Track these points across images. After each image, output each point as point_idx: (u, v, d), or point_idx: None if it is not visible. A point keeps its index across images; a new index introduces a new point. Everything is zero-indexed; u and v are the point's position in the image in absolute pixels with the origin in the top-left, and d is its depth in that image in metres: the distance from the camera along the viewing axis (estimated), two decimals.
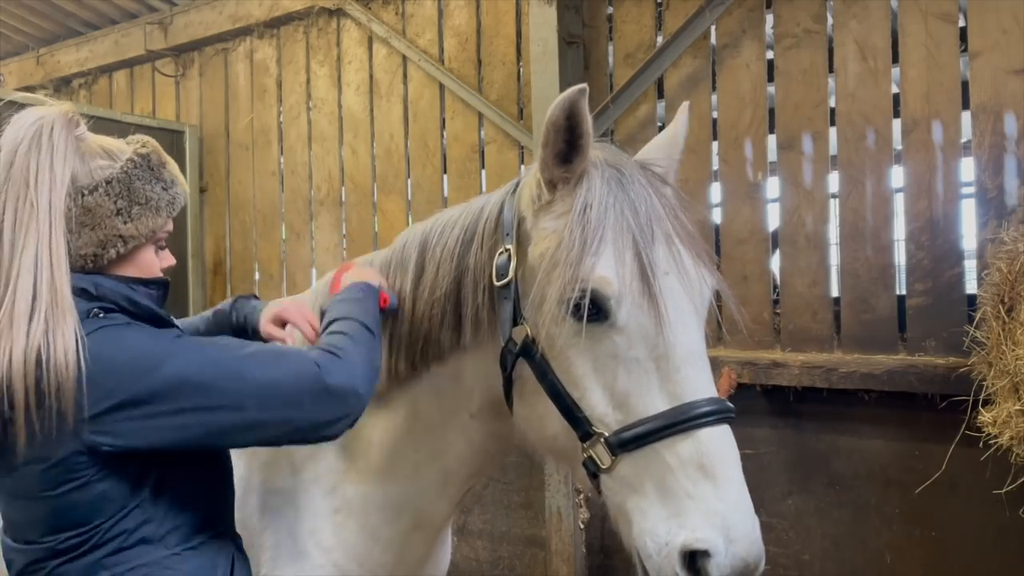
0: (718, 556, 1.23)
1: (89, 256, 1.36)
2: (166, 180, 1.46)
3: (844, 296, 3.43)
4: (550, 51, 3.91)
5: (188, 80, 5.65)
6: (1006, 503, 2.92)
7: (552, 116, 1.37)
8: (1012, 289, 2.66)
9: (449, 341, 1.63)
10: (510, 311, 1.47)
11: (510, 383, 1.53)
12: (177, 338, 1.36)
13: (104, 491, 1.30)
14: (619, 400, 1.34)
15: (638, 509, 1.31)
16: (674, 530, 1.26)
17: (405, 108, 4.70)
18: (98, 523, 1.31)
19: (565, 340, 1.39)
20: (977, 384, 2.81)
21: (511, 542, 4.28)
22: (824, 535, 3.45)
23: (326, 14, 4.95)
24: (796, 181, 3.53)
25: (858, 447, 3.37)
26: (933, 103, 3.20)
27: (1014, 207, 3.02)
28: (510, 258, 1.47)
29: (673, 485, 1.27)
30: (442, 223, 1.70)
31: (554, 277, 1.37)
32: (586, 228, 1.36)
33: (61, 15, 5.76)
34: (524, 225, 1.50)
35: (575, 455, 1.42)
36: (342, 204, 4.99)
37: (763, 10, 3.60)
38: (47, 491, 1.28)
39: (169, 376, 1.27)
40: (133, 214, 1.38)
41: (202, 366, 1.30)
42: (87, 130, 1.41)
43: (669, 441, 1.29)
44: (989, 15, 3.08)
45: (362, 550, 1.79)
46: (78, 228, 1.34)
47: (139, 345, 1.30)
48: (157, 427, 1.27)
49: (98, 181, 1.36)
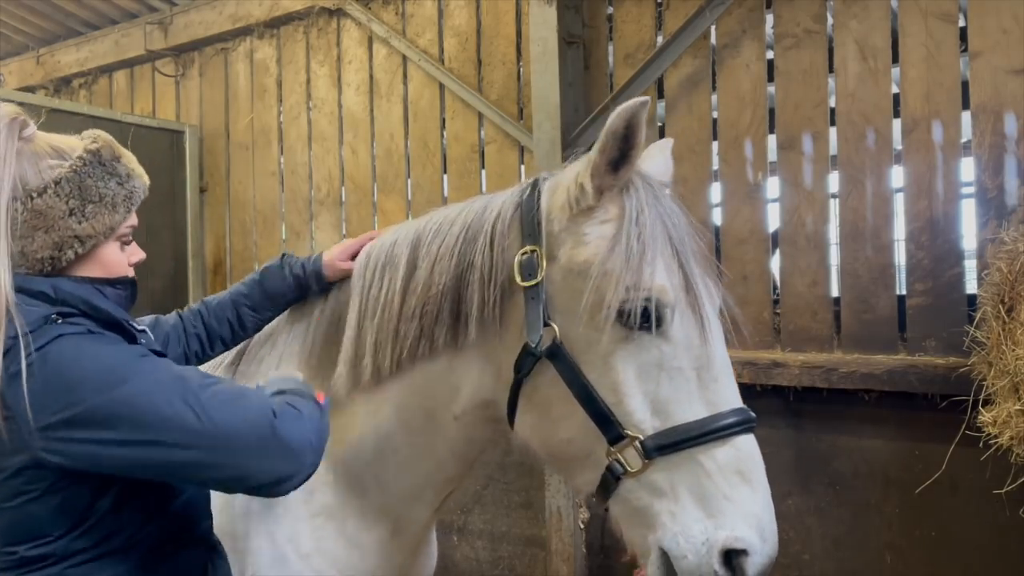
0: (755, 555, 1.32)
1: (46, 259, 1.32)
2: (121, 174, 1.39)
3: (844, 296, 3.43)
4: (550, 51, 3.91)
5: (188, 80, 5.65)
6: (1006, 503, 2.92)
7: (612, 124, 1.39)
8: (1012, 289, 2.66)
9: (444, 339, 1.59)
10: (539, 312, 1.45)
11: (519, 385, 1.51)
12: (141, 358, 1.29)
13: (58, 505, 1.26)
14: (658, 406, 1.37)
15: (667, 512, 1.35)
16: (711, 530, 1.32)
17: (405, 108, 4.70)
18: (57, 535, 1.28)
19: (608, 346, 1.39)
20: (977, 384, 2.81)
21: (511, 542, 4.28)
22: (824, 535, 3.45)
23: (326, 14, 4.95)
24: (796, 181, 3.53)
25: (858, 447, 3.37)
26: (933, 103, 3.20)
27: (1014, 207, 3.02)
28: (537, 259, 1.46)
29: (711, 488, 1.33)
30: (437, 221, 1.67)
31: (606, 283, 1.37)
32: (641, 237, 1.39)
33: (61, 15, 5.76)
34: (552, 227, 1.50)
35: (585, 460, 1.43)
36: (342, 204, 4.99)
37: (763, 10, 3.60)
38: (4, 501, 1.26)
39: (120, 402, 1.21)
40: (87, 213, 1.33)
41: (157, 397, 1.23)
42: (36, 129, 1.35)
43: (708, 447, 1.34)
44: (989, 15, 3.08)
45: (341, 556, 1.75)
46: (30, 231, 1.29)
47: (97, 361, 1.23)
48: (103, 454, 1.21)
49: (47, 182, 1.30)
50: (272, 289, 1.88)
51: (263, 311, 1.90)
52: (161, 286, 5.10)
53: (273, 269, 1.89)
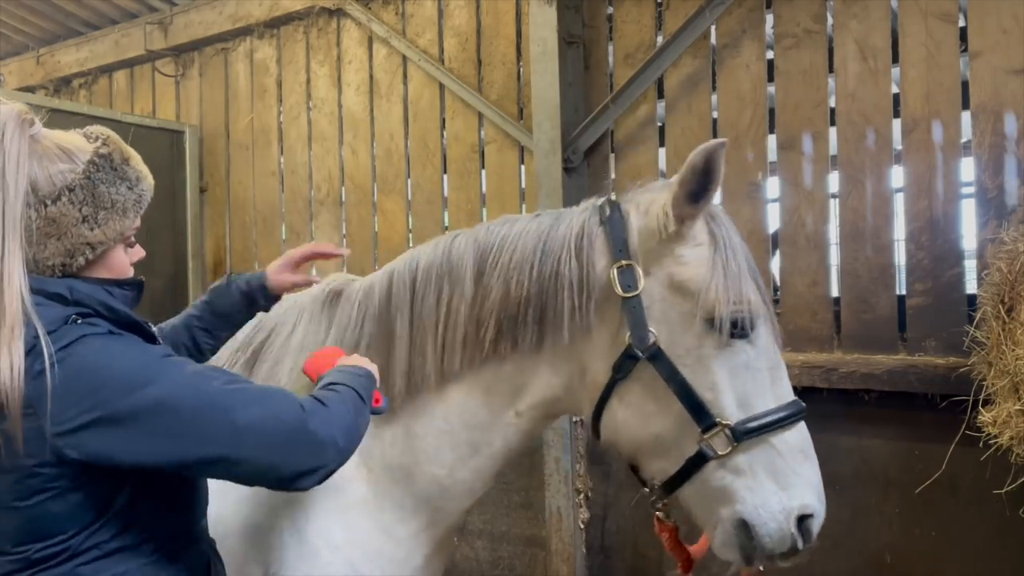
0: (817, 517, 1.63)
1: (57, 266, 1.32)
2: (131, 179, 1.39)
3: (844, 296, 3.43)
4: (550, 51, 3.91)
5: (188, 80, 5.65)
6: (1006, 503, 2.92)
7: (693, 160, 1.56)
8: (1012, 289, 2.66)
9: (528, 342, 1.70)
10: (643, 319, 1.62)
11: (614, 384, 1.67)
12: (165, 358, 1.32)
13: (79, 501, 1.27)
14: (742, 400, 1.61)
15: (746, 488, 1.59)
16: (786, 501, 1.59)
17: (405, 108, 4.70)
18: (73, 533, 1.28)
19: (707, 350, 1.61)
20: (977, 384, 2.81)
21: (511, 542, 4.28)
22: (824, 535, 3.41)
23: (326, 14, 4.95)
24: (796, 181, 3.53)
25: (858, 447, 3.37)
26: (933, 103, 3.20)
27: (1014, 207, 3.02)
28: (635, 274, 1.63)
29: (782, 466, 1.60)
30: (500, 235, 1.79)
31: (712, 299, 1.59)
32: (736, 259, 1.64)
33: (61, 15, 5.76)
34: (646, 246, 1.67)
35: (668, 451, 1.64)
36: (342, 204, 4.99)
37: (763, 10, 3.60)
38: (20, 501, 1.25)
39: (151, 400, 1.23)
40: (100, 219, 1.32)
41: (186, 395, 1.26)
42: (42, 126, 1.33)
43: (779, 431, 1.60)
44: (989, 15, 3.08)
45: (375, 547, 1.80)
46: (43, 239, 1.29)
47: (122, 361, 1.25)
48: (130, 449, 1.23)
49: (60, 188, 1.29)
50: (221, 308, 1.91)
51: (216, 331, 1.92)
52: (161, 286, 5.10)
53: (220, 288, 1.93)
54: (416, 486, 1.82)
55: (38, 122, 1.32)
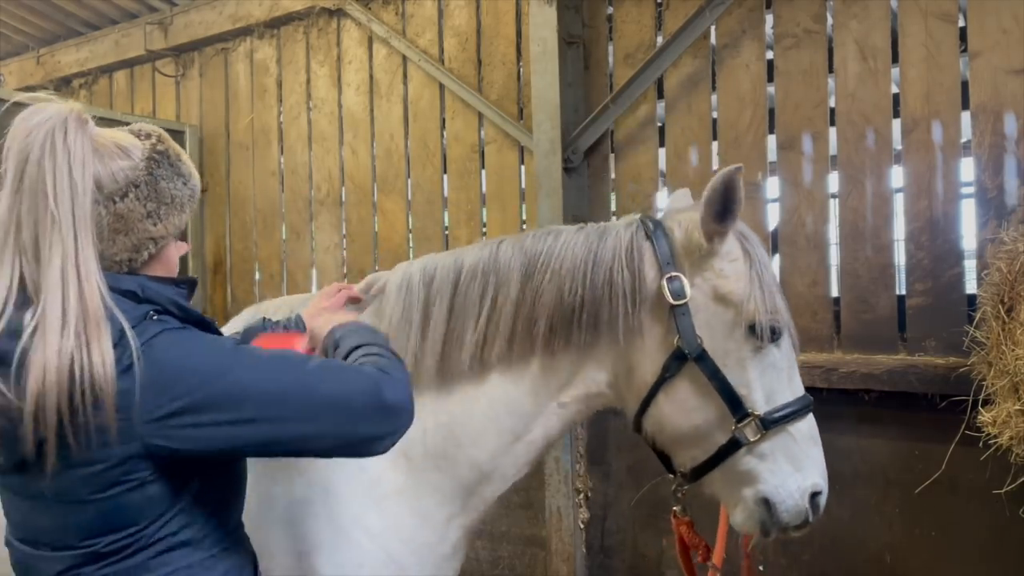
0: (823, 494, 1.87)
1: (124, 261, 1.36)
2: (185, 174, 1.44)
3: (844, 296, 3.43)
4: (550, 51, 3.91)
5: (188, 80, 5.66)
6: (1006, 503, 2.92)
7: (713, 184, 1.77)
8: (1012, 289, 2.66)
9: (581, 341, 1.86)
10: (691, 325, 1.81)
11: (661, 383, 1.85)
12: (238, 347, 1.36)
13: (154, 494, 1.29)
14: (768, 395, 1.84)
15: (768, 470, 1.82)
16: (800, 481, 1.83)
17: (405, 108, 4.71)
18: (145, 525, 1.30)
19: (744, 352, 1.83)
20: (977, 384, 2.81)
21: (511, 542, 4.28)
22: (824, 535, 3.45)
23: (326, 14, 4.96)
24: (796, 181, 3.53)
25: (858, 447, 3.37)
26: (933, 103, 3.21)
27: (1014, 207, 3.02)
28: (683, 284, 1.82)
29: (796, 451, 1.83)
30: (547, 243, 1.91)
31: (752, 308, 1.81)
32: (768, 273, 1.87)
33: (61, 15, 5.76)
34: (690, 259, 1.87)
35: (702, 440, 1.85)
36: (342, 204, 4.99)
37: (763, 10, 3.60)
38: (95, 494, 1.26)
39: (233, 385, 1.28)
40: (161, 215, 1.38)
41: (266, 378, 1.31)
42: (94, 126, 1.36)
43: (795, 421, 1.84)
44: (989, 15, 3.08)
45: (411, 532, 1.89)
46: (112, 235, 1.33)
47: (203, 352, 1.31)
48: (215, 435, 1.28)
49: (125, 185, 1.33)
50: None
51: None
52: None
53: (256, 329, 1.93)
54: (456, 470, 1.92)
55: (91, 120, 1.34)
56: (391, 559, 1.86)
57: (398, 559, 1.86)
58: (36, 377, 1.17)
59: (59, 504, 1.28)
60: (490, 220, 4.45)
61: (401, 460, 1.89)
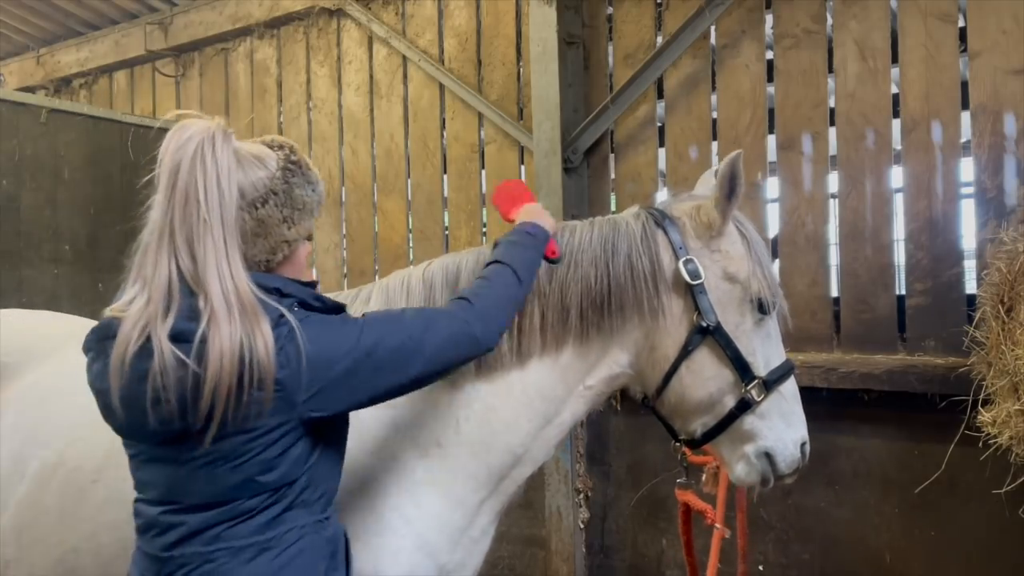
0: (807, 443, 2.09)
1: (262, 262, 1.50)
2: (313, 181, 1.59)
3: (844, 296, 3.43)
4: (550, 51, 3.92)
5: (188, 80, 5.66)
6: (1006, 503, 2.92)
7: (722, 170, 1.96)
8: (1012, 289, 2.67)
9: (609, 325, 2.01)
10: (707, 303, 1.99)
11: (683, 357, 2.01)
12: (359, 318, 1.55)
13: (296, 455, 1.44)
14: (766, 359, 2.04)
15: (767, 427, 2.03)
16: (792, 434, 2.05)
17: (405, 108, 4.71)
18: (281, 485, 1.44)
19: (749, 325, 2.03)
20: (977, 384, 2.81)
21: (511, 542, 4.29)
22: (824, 535, 3.45)
23: (326, 14, 4.96)
24: (796, 181, 3.53)
25: (858, 447, 3.37)
26: (933, 103, 3.21)
27: (1014, 207, 3.02)
28: (697, 265, 1.99)
29: (786, 408, 2.05)
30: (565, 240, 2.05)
31: (756, 285, 2.01)
32: (763, 251, 2.06)
33: (61, 15, 5.76)
34: (699, 243, 2.04)
35: (713, 407, 2.03)
36: (342, 204, 5.00)
37: (763, 10, 3.61)
38: (249, 457, 1.40)
39: (368, 345, 1.47)
40: (295, 219, 1.53)
41: (387, 336, 1.51)
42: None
43: (784, 382, 2.05)
44: (989, 15, 3.08)
45: (445, 517, 1.98)
46: (253, 238, 1.48)
47: (339, 331, 1.48)
48: (360, 389, 1.48)
49: (265, 193, 1.48)
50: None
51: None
52: None
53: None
54: (491, 455, 2.02)
55: (233, 134, 1.48)
56: (424, 543, 1.94)
57: (431, 542, 1.95)
58: (215, 358, 1.32)
59: (210, 467, 1.41)
60: (490, 220, 4.46)
61: (434, 449, 1.99)
